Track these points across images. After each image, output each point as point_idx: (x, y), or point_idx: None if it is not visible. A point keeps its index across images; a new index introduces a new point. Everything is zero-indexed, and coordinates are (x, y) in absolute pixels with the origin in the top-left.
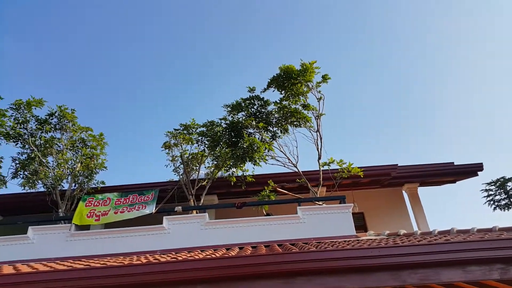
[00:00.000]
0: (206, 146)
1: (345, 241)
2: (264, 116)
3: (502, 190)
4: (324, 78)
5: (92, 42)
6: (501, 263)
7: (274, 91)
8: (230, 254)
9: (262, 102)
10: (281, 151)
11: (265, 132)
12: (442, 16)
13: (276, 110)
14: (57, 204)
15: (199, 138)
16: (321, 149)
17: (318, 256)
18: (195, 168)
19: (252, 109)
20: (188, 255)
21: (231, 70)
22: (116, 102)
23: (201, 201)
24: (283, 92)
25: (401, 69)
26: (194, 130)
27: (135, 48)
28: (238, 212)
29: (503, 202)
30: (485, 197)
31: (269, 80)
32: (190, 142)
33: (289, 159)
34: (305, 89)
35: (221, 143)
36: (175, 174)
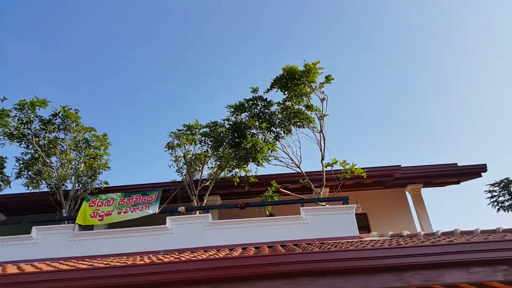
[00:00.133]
0: (209, 147)
1: (348, 242)
2: (267, 117)
3: (506, 191)
4: (328, 79)
5: (92, 42)
6: (505, 265)
7: (277, 92)
8: (233, 255)
9: (265, 103)
10: (284, 152)
11: (268, 133)
12: (450, 16)
13: (279, 111)
14: (61, 204)
15: (202, 139)
16: (324, 150)
17: (321, 257)
18: (198, 169)
19: (255, 110)
20: (192, 256)
21: (232, 72)
22: (116, 102)
23: (204, 202)
24: (286, 93)
25: (405, 70)
26: (197, 131)
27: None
28: (241, 213)
29: (507, 203)
30: (489, 198)
31: (272, 81)
32: (193, 143)
33: (292, 160)
34: (308, 90)
35: (224, 144)
36: (178, 175)
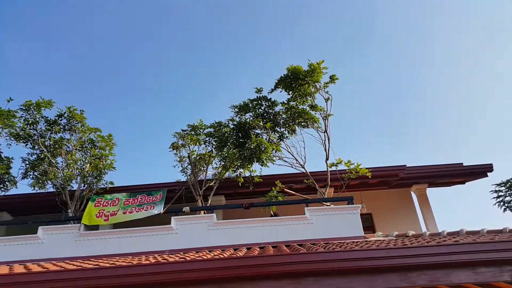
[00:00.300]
0: (214, 147)
1: (353, 242)
2: (272, 117)
3: None
4: (332, 79)
5: (92, 42)
6: None
7: (282, 92)
8: (238, 255)
9: (270, 103)
10: (289, 152)
11: (273, 133)
12: (450, 16)
13: (284, 111)
14: (67, 204)
15: (207, 139)
16: (329, 150)
17: (326, 257)
18: (203, 169)
19: (260, 110)
20: (196, 255)
21: (232, 72)
22: (116, 102)
23: (209, 202)
24: (291, 93)
25: (408, 70)
26: (202, 131)
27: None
28: (246, 213)
29: None
30: (495, 198)
31: (277, 81)
32: (198, 143)
33: (297, 160)
34: (313, 90)
35: (229, 144)
36: (183, 175)
